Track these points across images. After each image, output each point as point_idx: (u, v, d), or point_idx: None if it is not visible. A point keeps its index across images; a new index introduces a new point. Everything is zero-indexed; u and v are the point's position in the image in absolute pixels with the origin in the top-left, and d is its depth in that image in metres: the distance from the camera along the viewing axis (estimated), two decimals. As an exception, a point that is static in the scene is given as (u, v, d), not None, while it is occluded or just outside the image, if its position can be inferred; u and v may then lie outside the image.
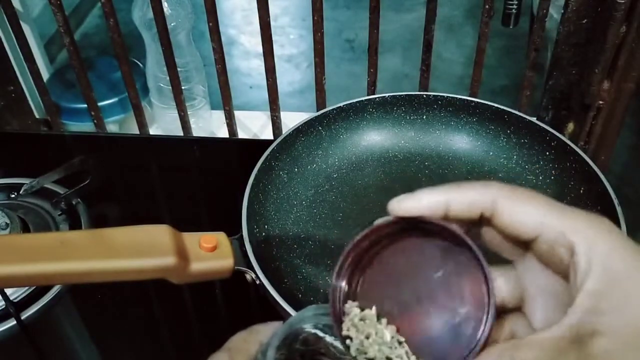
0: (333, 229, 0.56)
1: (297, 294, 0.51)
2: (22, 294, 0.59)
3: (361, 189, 0.60)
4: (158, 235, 0.40)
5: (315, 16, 0.68)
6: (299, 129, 0.60)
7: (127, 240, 0.39)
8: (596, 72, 0.67)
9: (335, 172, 0.61)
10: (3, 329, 0.57)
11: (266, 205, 0.56)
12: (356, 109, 0.62)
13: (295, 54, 1.70)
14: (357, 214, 0.58)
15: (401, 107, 0.62)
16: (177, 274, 0.40)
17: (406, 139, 0.63)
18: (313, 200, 0.59)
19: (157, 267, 0.39)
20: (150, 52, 0.80)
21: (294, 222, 0.57)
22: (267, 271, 0.49)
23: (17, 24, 0.72)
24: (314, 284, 0.52)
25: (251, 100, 1.45)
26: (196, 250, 0.42)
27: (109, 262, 0.38)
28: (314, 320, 0.32)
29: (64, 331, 0.61)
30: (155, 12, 0.69)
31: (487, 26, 0.67)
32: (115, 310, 0.62)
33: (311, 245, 0.55)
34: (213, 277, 0.44)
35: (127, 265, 0.39)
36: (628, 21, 0.63)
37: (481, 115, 0.60)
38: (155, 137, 0.83)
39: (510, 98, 0.61)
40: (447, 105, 0.61)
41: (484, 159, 0.60)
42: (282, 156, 0.58)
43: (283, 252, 0.54)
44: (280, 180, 0.58)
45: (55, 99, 0.84)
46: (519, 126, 0.57)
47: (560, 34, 0.67)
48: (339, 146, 0.62)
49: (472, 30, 1.72)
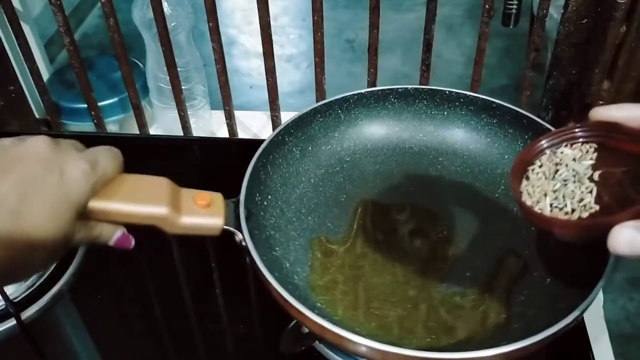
0: (333, 208, 0.57)
1: (284, 264, 0.52)
2: (22, 294, 0.59)
3: (370, 174, 0.60)
4: (157, 185, 0.44)
5: (315, 16, 0.68)
6: (317, 109, 0.60)
7: (128, 186, 0.43)
8: (596, 72, 0.67)
9: (349, 155, 0.61)
10: (3, 329, 0.57)
11: (273, 177, 0.56)
12: (377, 97, 0.62)
13: (295, 54, 1.70)
14: (360, 197, 0.58)
15: (423, 101, 0.62)
16: (168, 223, 0.43)
17: (424, 132, 0.63)
18: (321, 179, 0.59)
19: (151, 215, 0.43)
20: (150, 52, 0.80)
21: (298, 197, 0.57)
22: (259, 237, 0.50)
23: (17, 24, 0.72)
24: (304, 257, 0.53)
25: (251, 100, 1.45)
26: (190, 205, 0.45)
27: (108, 203, 0.41)
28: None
29: (64, 331, 0.61)
30: (155, 12, 0.69)
31: (487, 26, 0.67)
32: (115, 310, 0.62)
33: (310, 221, 0.56)
34: (202, 233, 0.46)
35: (124, 209, 0.42)
36: (628, 21, 0.63)
37: (501, 117, 0.59)
38: (155, 137, 0.83)
39: (510, 98, 0.61)
40: (468, 103, 0.61)
41: (499, 161, 0.60)
42: (297, 133, 0.59)
43: (281, 223, 0.55)
44: (292, 155, 0.59)
45: (55, 99, 0.84)
46: (536, 132, 0.56)
47: (560, 34, 0.67)
48: (356, 131, 0.62)
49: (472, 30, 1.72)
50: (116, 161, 0.42)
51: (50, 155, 0.38)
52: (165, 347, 0.60)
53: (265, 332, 0.60)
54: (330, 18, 0.94)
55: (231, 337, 0.60)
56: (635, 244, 0.33)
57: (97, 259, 0.65)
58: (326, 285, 0.51)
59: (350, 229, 0.56)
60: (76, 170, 0.39)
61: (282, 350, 0.53)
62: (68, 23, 0.72)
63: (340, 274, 0.52)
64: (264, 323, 0.61)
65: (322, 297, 0.50)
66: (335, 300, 0.50)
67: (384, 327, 0.48)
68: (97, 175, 0.40)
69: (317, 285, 0.51)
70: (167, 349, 0.59)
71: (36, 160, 0.37)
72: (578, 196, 0.39)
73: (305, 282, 0.51)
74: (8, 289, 0.58)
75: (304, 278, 0.51)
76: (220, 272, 0.65)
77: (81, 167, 0.39)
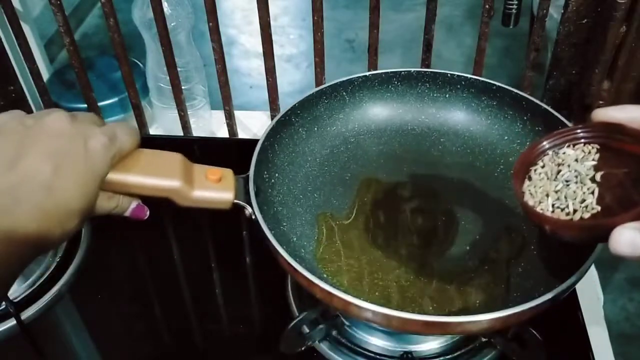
0: (338, 187, 0.59)
1: (292, 238, 0.54)
2: (22, 294, 0.59)
3: (374, 154, 0.62)
4: (171, 160, 0.46)
5: (315, 16, 0.68)
6: (323, 90, 0.62)
7: (144, 160, 0.45)
8: (596, 72, 0.67)
9: (354, 136, 0.63)
10: (3, 329, 0.57)
11: (281, 156, 0.58)
12: (381, 80, 0.63)
13: (295, 54, 1.71)
14: (364, 176, 0.60)
15: (425, 84, 0.64)
16: (180, 196, 0.46)
17: (427, 114, 0.64)
18: (327, 158, 0.61)
19: (164, 187, 0.45)
20: (150, 52, 0.80)
21: (304, 176, 0.59)
22: (267, 213, 0.52)
23: (17, 24, 0.72)
24: (310, 231, 0.55)
25: (251, 100, 1.45)
26: (202, 179, 0.47)
27: (126, 175, 0.43)
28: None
29: (64, 331, 0.61)
30: (155, 12, 0.69)
31: (487, 26, 0.67)
32: (115, 310, 0.62)
33: (315, 198, 0.58)
34: (213, 206, 0.48)
35: (141, 181, 0.44)
36: (628, 21, 0.63)
37: (501, 99, 0.61)
38: (155, 137, 0.83)
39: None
40: (470, 86, 0.62)
41: (498, 142, 0.61)
42: (304, 114, 0.61)
43: (288, 199, 0.57)
44: (299, 135, 0.61)
45: (55, 99, 0.84)
46: (534, 114, 0.59)
47: (560, 34, 0.67)
48: (361, 113, 0.64)
49: (472, 30, 1.73)
50: (133, 136, 0.44)
51: (71, 129, 0.39)
52: (165, 347, 0.60)
53: (265, 332, 0.60)
54: (330, 18, 0.94)
55: (231, 337, 0.60)
56: (636, 245, 0.33)
57: (97, 259, 0.65)
58: (331, 258, 0.53)
59: (354, 205, 0.57)
60: (97, 143, 0.40)
61: (282, 350, 0.53)
62: (68, 23, 0.72)
63: (345, 247, 0.54)
64: (264, 323, 0.61)
65: (328, 269, 0.52)
66: (340, 271, 0.52)
67: (387, 296, 0.50)
68: (115, 148, 0.41)
69: (323, 258, 0.53)
70: (167, 349, 0.59)
71: (60, 134, 0.39)
72: (580, 197, 0.39)
73: (312, 255, 0.53)
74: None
75: (310, 251, 0.53)
76: (220, 272, 0.65)
77: (101, 140, 0.40)
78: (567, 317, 0.58)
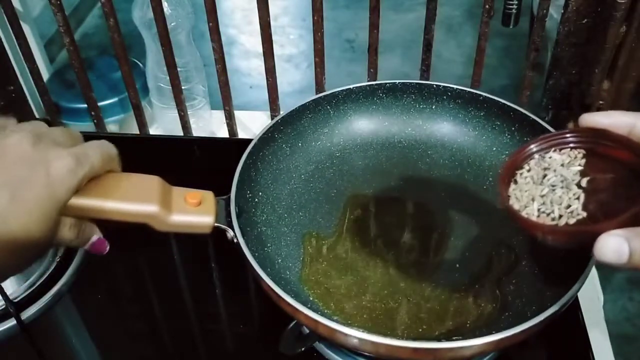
0: (324, 204, 0.58)
1: (276, 260, 0.52)
2: (22, 294, 0.59)
3: (360, 169, 0.61)
4: (148, 184, 0.44)
5: (315, 16, 0.68)
6: (306, 105, 0.61)
7: (119, 184, 0.43)
8: (596, 72, 0.67)
9: (339, 151, 0.62)
10: (3, 329, 0.57)
11: (264, 174, 0.57)
12: (366, 92, 0.63)
13: (295, 54, 1.71)
14: (350, 192, 0.59)
15: (411, 95, 0.63)
16: (158, 221, 0.43)
17: (413, 126, 0.63)
18: (312, 174, 0.60)
19: (141, 213, 0.43)
20: (150, 52, 0.80)
21: (288, 194, 0.58)
22: (251, 234, 0.50)
23: (17, 24, 0.72)
24: (296, 252, 0.53)
25: (251, 100, 1.45)
26: (180, 204, 0.45)
27: (99, 201, 0.41)
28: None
29: (64, 331, 0.61)
30: (155, 12, 0.69)
31: (487, 26, 0.67)
32: (115, 310, 0.62)
33: (301, 216, 0.56)
34: (193, 230, 0.46)
35: (115, 206, 0.42)
36: (628, 21, 0.63)
37: (489, 110, 0.60)
38: (155, 137, 0.83)
39: (510, 98, 0.62)
40: (456, 97, 0.62)
41: (486, 153, 0.60)
42: (287, 129, 0.59)
43: (272, 219, 0.55)
44: (282, 152, 0.59)
45: (55, 99, 0.84)
46: (522, 124, 0.58)
47: (560, 34, 0.67)
48: (346, 127, 0.63)
49: (472, 30, 1.73)
50: (106, 156, 0.41)
51: (33, 153, 0.37)
52: (165, 347, 0.60)
53: (265, 332, 0.60)
54: (330, 18, 0.94)
55: (231, 337, 0.60)
56: (621, 252, 0.34)
57: (97, 259, 0.65)
58: (317, 279, 0.52)
59: (341, 223, 0.56)
60: (62, 167, 0.38)
61: (282, 351, 0.53)
62: (68, 23, 0.72)
63: (332, 268, 0.52)
64: (264, 323, 0.61)
65: (314, 291, 0.51)
66: (327, 294, 0.50)
67: (376, 319, 0.49)
68: (84, 170, 0.39)
69: (309, 279, 0.51)
70: (167, 349, 0.59)
71: (20, 160, 0.37)
72: (565, 202, 0.39)
73: (297, 277, 0.52)
74: (8, 289, 0.58)
75: (296, 273, 0.52)
76: (220, 272, 0.65)
77: (66, 163, 0.38)
78: (567, 317, 0.58)
